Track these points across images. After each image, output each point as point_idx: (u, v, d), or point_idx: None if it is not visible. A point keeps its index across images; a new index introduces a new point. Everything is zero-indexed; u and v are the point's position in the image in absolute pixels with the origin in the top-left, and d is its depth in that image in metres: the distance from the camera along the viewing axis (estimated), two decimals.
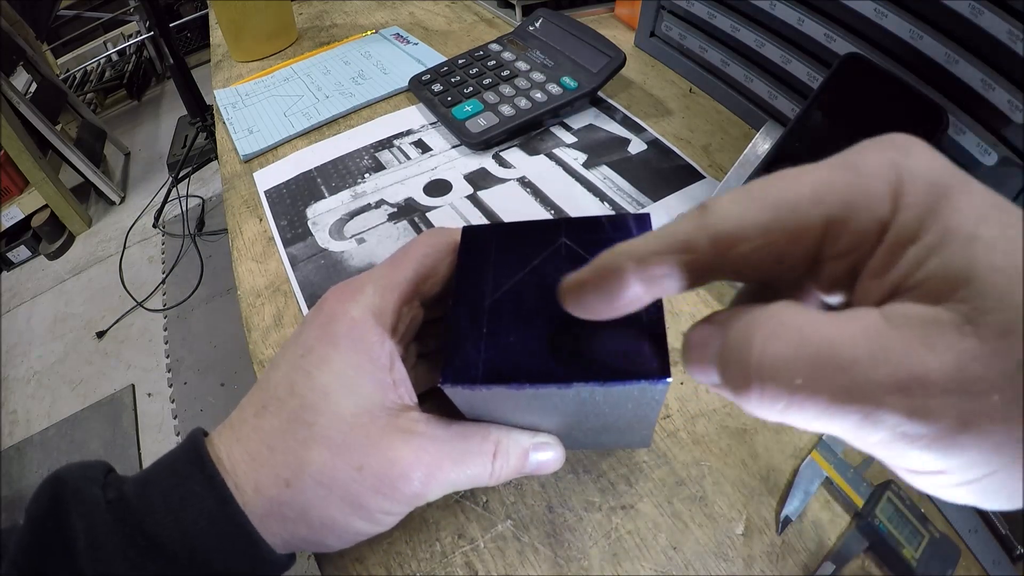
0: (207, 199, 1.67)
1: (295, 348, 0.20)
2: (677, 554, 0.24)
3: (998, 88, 0.27)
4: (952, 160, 0.12)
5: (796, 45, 0.38)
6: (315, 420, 0.18)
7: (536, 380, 0.17)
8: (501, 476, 0.21)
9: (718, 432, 0.28)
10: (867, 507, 0.25)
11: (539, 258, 0.19)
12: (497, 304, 0.18)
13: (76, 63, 2.25)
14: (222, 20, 0.60)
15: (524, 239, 0.20)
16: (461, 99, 0.46)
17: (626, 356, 0.17)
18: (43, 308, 1.53)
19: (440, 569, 0.24)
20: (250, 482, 0.18)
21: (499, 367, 0.17)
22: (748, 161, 0.35)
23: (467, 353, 0.18)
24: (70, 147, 1.62)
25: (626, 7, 0.58)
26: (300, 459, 0.18)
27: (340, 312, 0.20)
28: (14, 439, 1.22)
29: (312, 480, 0.18)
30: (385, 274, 0.21)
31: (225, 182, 0.46)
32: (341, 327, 0.20)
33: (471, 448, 0.20)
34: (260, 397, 0.20)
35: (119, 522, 0.18)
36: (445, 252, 0.22)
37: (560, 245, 0.19)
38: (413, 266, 0.21)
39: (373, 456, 0.18)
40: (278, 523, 0.19)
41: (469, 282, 0.19)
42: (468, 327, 0.18)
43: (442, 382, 0.17)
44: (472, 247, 0.20)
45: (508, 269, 0.19)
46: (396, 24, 0.64)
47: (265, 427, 0.19)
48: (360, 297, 0.20)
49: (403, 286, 0.21)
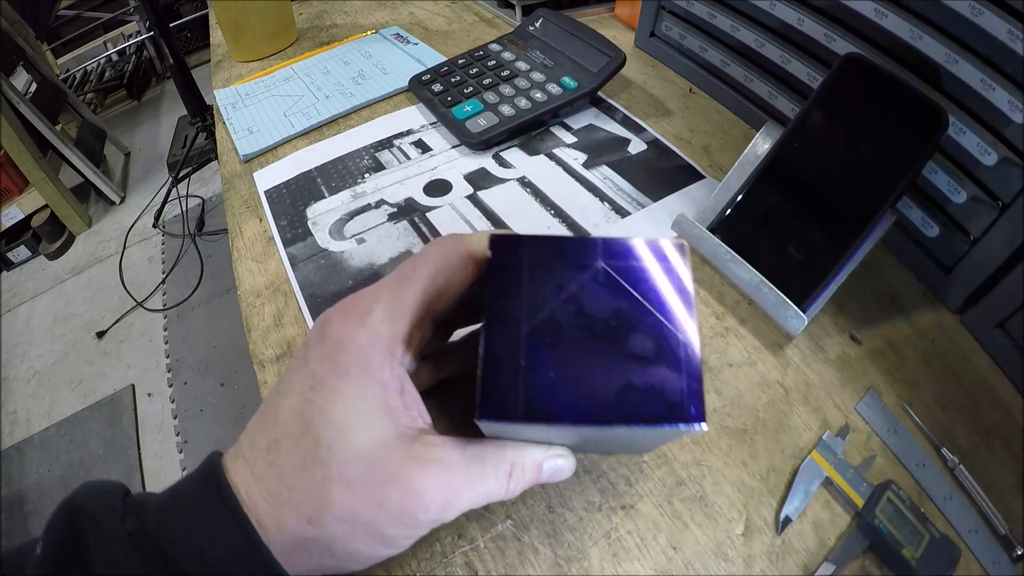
0: (207, 199, 1.67)
1: (303, 377, 0.20)
2: (677, 554, 0.24)
3: (998, 88, 0.27)
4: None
5: (796, 45, 0.38)
6: (331, 459, 0.18)
7: (578, 420, 0.17)
8: (516, 491, 0.21)
9: (718, 432, 0.28)
10: (867, 507, 0.25)
11: (576, 283, 0.18)
12: (534, 332, 0.18)
13: (76, 63, 2.25)
14: (222, 20, 0.60)
15: (557, 257, 0.19)
16: (461, 99, 0.46)
17: (665, 397, 0.17)
18: (43, 308, 1.52)
19: (440, 569, 0.24)
20: (272, 520, 0.18)
21: (540, 404, 0.17)
22: (748, 161, 0.35)
23: (504, 387, 0.17)
24: (70, 147, 1.62)
25: (626, 7, 0.58)
26: (321, 499, 0.18)
27: (347, 339, 0.19)
28: (14, 439, 1.22)
29: (335, 518, 0.18)
30: (393, 294, 0.20)
31: (225, 182, 0.46)
32: (350, 356, 0.19)
33: (487, 470, 0.20)
34: (271, 430, 0.19)
35: (141, 557, 0.17)
36: (457, 266, 0.21)
37: (598, 269, 0.19)
38: (423, 286, 0.20)
39: (393, 490, 0.18)
40: (303, 556, 0.19)
41: (502, 305, 0.18)
42: (504, 358, 0.17)
43: (479, 417, 0.17)
44: (502, 263, 0.19)
45: (543, 293, 0.18)
46: (396, 24, 0.64)
47: (281, 465, 0.19)
48: (368, 322, 0.19)
49: (413, 309, 0.20)
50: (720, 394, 0.29)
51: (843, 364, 0.30)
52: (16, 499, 1.11)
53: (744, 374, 0.30)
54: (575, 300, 0.18)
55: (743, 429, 0.28)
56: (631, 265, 0.19)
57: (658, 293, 0.18)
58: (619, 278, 0.19)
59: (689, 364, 0.17)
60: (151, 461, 1.15)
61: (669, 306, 0.18)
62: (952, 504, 0.26)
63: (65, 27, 2.22)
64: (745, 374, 0.30)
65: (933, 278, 0.33)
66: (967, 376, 0.30)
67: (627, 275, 0.19)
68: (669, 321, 0.18)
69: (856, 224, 0.30)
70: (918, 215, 0.33)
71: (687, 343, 0.18)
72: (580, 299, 0.18)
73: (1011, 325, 0.30)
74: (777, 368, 0.30)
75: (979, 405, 0.29)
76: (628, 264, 0.19)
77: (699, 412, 0.17)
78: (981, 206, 0.29)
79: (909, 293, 0.34)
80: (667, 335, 0.18)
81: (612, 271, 0.19)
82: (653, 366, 0.17)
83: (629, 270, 0.19)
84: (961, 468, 0.27)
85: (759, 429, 0.28)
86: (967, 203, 0.30)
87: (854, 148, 0.30)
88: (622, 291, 0.18)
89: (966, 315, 0.32)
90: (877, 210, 0.29)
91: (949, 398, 0.29)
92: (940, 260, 0.33)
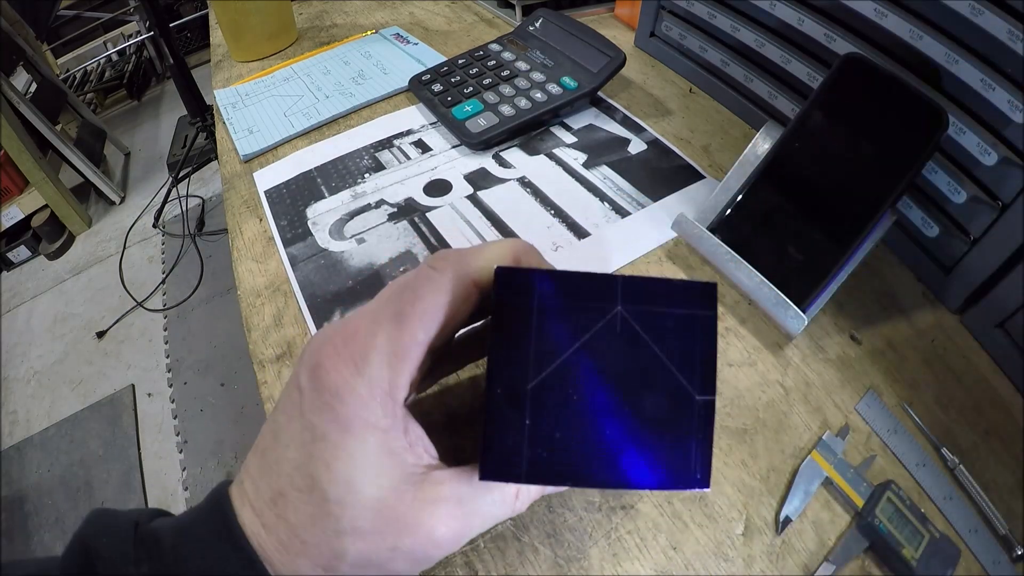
0: (207, 199, 1.67)
1: (301, 428, 0.19)
2: (677, 554, 0.24)
3: (998, 88, 0.27)
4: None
5: (796, 45, 0.38)
6: (342, 513, 0.18)
7: (581, 483, 0.17)
8: (522, 508, 0.21)
9: (718, 432, 0.28)
10: (867, 507, 0.25)
11: (590, 332, 0.17)
12: (541, 388, 0.17)
13: (76, 63, 2.25)
14: (222, 20, 0.60)
15: (572, 298, 0.17)
16: (461, 99, 0.46)
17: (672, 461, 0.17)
18: (43, 308, 1.52)
19: (440, 569, 0.24)
20: (288, 570, 0.18)
21: (543, 467, 0.17)
22: (748, 161, 0.35)
23: (508, 446, 0.17)
24: (70, 147, 1.62)
25: (626, 7, 0.58)
26: (334, 550, 0.18)
27: (345, 390, 0.18)
28: (14, 439, 1.22)
29: (350, 567, 0.18)
30: (392, 335, 0.19)
31: (225, 182, 0.46)
32: (350, 409, 0.18)
33: (495, 498, 0.20)
34: (276, 481, 0.19)
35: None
36: (462, 298, 0.19)
37: (616, 316, 0.17)
38: (425, 327, 0.19)
39: (405, 536, 0.18)
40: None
41: (507, 353, 0.17)
42: (509, 414, 0.17)
43: (482, 476, 0.17)
44: (509, 302, 0.17)
45: (553, 340, 0.17)
46: (396, 24, 0.64)
47: (290, 519, 0.18)
48: (366, 369, 0.18)
49: (414, 351, 0.19)
50: (720, 394, 0.29)
51: (843, 364, 0.30)
52: (16, 499, 1.11)
53: (744, 374, 0.30)
54: (587, 352, 0.17)
55: (743, 429, 0.28)
56: (654, 311, 0.17)
57: (679, 344, 0.17)
58: (638, 327, 0.17)
59: (702, 426, 0.17)
60: (151, 461, 1.15)
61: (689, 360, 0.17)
62: (952, 504, 0.26)
63: (65, 27, 2.22)
64: (745, 374, 0.30)
65: (933, 278, 0.33)
66: (967, 376, 0.30)
67: (647, 323, 0.17)
68: (686, 377, 0.17)
69: (856, 224, 0.30)
70: (918, 215, 0.33)
71: (703, 402, 0.17)
72: (593, 350, 0.17)
73: (1011, 325, 0.30)
74: (777, 368, 0.30)
75: (979, 405, 0.29)
76: (651, 309, 0.17)
77: (704, 478, 0.17)
78: (981, 206, 0.29)
79: (909, 293, 0.34)
80: (683, 393, 0.17)
81: (631, 318, 0.17)
82: (664, 429, 0.17)
83: (649, 317, 0.17)
84: (961, 468, 0.27)
85: (759, 429, 0.28)
86: (967, 203, 0.30)
87: (854, 148, 0.30)
88: (640, 343, 0.17)
89: (966, 315, 0.32)
90: (877, 210, 0.29)
91: (949, 398, 0.29)
92: (940, 260, 0.33)
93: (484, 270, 0.19)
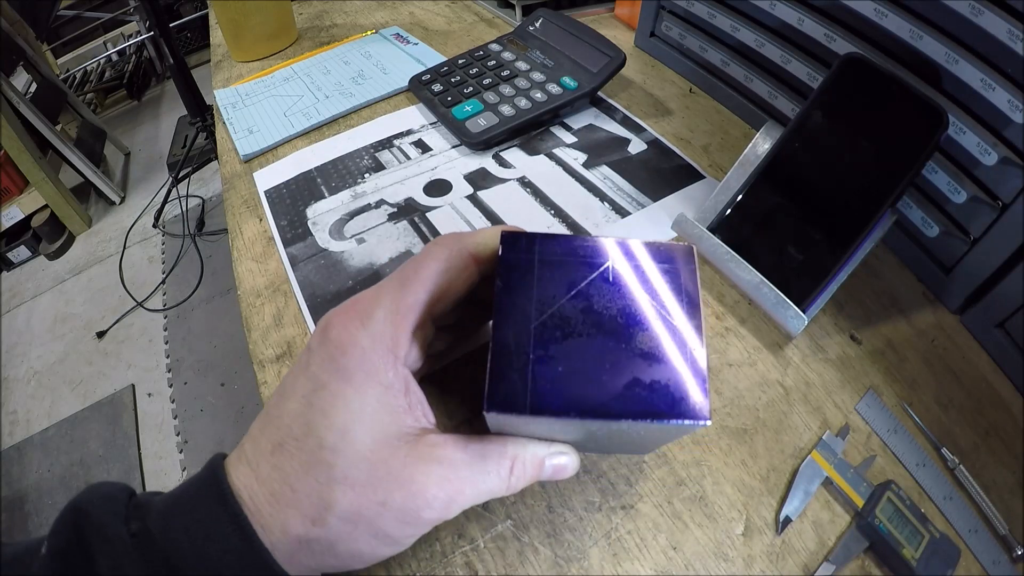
0: (207, 199, 1.67)
1: (305, 381, 0.20)
2: (677, 554, 0.24)
3: (998, 88, 0.27)
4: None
5: (796, 45, 0.38)
6: (335, 461, 0.18)
7: (586, 414, 0.17)
8: (517, 486, 0.21)
9: (718, 432, 0.28)
10: (867, 507, 0.25)
11: (585, 281, 0.19)
12: (542, 328, 0.18)
13: (76, 63, 2.25)
14: (222, 20, 0.60)
15: (567, 255, 0.19)
16: (461, 99, 0.46)
17: (671, 393, 0.17)
18: (43, 308, 1.52)
19: (440, 569, 0.24)
20: (276, 522, 0.18)
21: (547, 397, 0.17)
22: (748, 161, 0.35)
23: (512, 380, 0.17)
24: (70, 147, 1.62)
25: (626, 7, 0.58)
26: (324, 500, 0.18)
27: (349, 343, 0.19)
28: (14, 439, 1.22)
29: (338, 519, 0.18)
30: (395, 296, 0.20)
31: (225, 182, 0.46)
32: (352, 359, 0.19)
33: (489, 467, 0.20)
34: (275, 433, 0.20)
35: (144, 560, 0.18)
36: (459, 268, 0.21)
37: (607, 269, 0.19)
38: (426, 287, 0.20)
39: (396, 491, 0.18)
40: (306, 556, 0.19)
41: (511, 300, 0.19)
42: (513, 351, 0.18)
43: (487, 409, 0.17)
44: (512, 259, 0.19)
45: (552, 289, 0.19)
46: (396, 24, 0.64)
47: (285, 467, 0.19)
48: (370, 324, 0.20)
49: (415, 310, 0.20)
50: (720, 394, 0.29)
51: (843, 364, 0.30)
52: (16, 499, 1.11)
53: (744, 374, 0.30)
54: (584, 297, 0.19)
55: (743, 429, 0.28)
56: (640, 266, 0.19)
57: (666, 294, 0.19)
58: (628, 278, 0.19)
59: (695, 362, 0.18)
60: (151, 461, 1.15)
61: (676, 307, 0.19)
62: (952, 504, 0.26)
63: (65, 27, 2.22)
64: (745, 374, 0.30)
65: (933, 278, 0.33)
66: (967, 376, 0.30)
67: (636, 275, 0.19)
68: (676, 321, 0.18)
69: (856, 224, 0.30)
70: (918, 215, 0.33)
71: (693, 341, 0.18)
72: (589, 296, 0.19)
73: (1011, 325, 0.30)
74: (777, 368, 0.30)
75: (979, 405, 0.29)
76: (637, 265, 0.19)
77: (704, 409, 0.17)
78: (981, 206, 0.29)
79: (909, 293, 0.34)
80: (673, 334, 0.18)
81: (621, 271, 0.19)
82: (659, 363, 0.18)
83: (638, 271, 0.19)
84: (961, 468, 0.27)
85: (759, 429, 0.28)
86: (967, 203, 0.30)
87: (854, 148, 0.30)
88: (630, 290, 0.19)
89: (966, 315, 0.32)
90: (877, 210, 0.29)
91: (949, 398, 0.29)
92: (940, 260, 0.33)
93: (480, 245, 0.21)
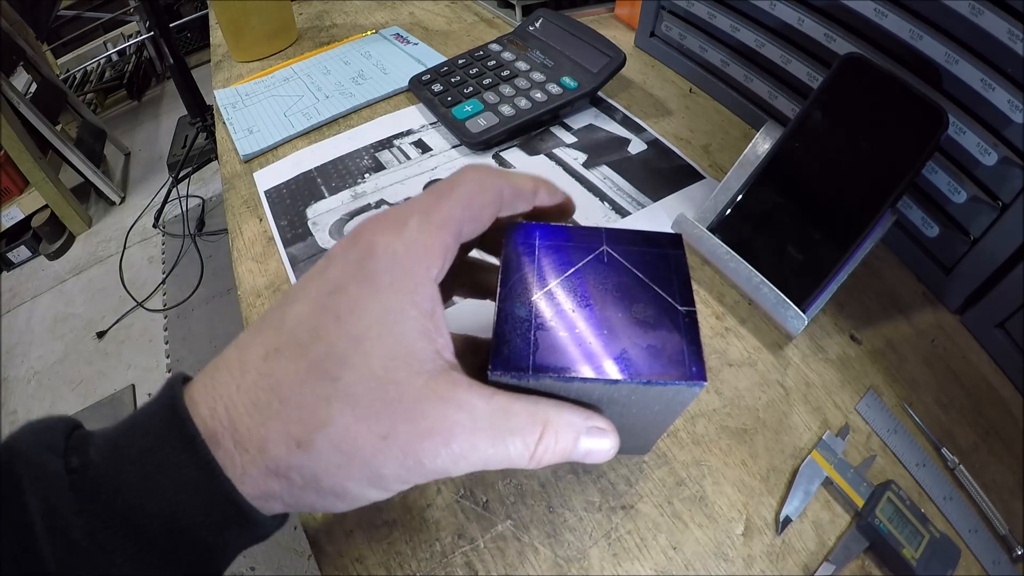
0: (207, 199, 1.67)
1: (321, 282, 0.17)
2: (677, 554, 0.24)
3: (998, 88, 0.27)
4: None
5: (796, 45, 0.38)
6: (341, 374, 0.16)
7: (586, 374, 0.18)
8: (543, 460, 0.18)
9: (718, 432, 0.28)
10: (867, 507, 0.25)
11: (582, 262, 0.20)
12: (545, 298, 0.19)
13: (76, 63, 2.25)
14: (222, 20, 0.60)
15: (566, 242, 0.21)
16: (461, 99, 0.46)
17: (668, 359, 0.18)
18: (43, 308, 1.52)
19: (440, 569, 0.24)
20: (254, 439, 0.16)
21: (550, 358, 0.18)
22: (748, 161, 0.35)
23: (517, 343, 0.18)
24: (70, 147, 1.62)
25: (626, 7, 0.58)
26: (317, 418, 0.15)
27: (380, 245, 0.17)
28: None
29: (329, 444, 0.15)
30: (431, 207, 0.18)
31: (225, 182, 0.46)
32: (380, 263, 0.17)
33: (514, 426, 0.17)
34: (271, 337, 0.17)
35: (84, 499, 0.15)
36: (491, 196, 0.20)
37: (603, 252, 0.21)
38: (462, 203, 0.19)
39: (402, 425, 0.16)
40: (282, 486, 0.16)
41: (516, 276, 0.20)
42: (518, 318, 0.19)
43: (492, 370, 0.18)
44: (517, 241, 0.21)
45: (553, 267, 0.20)
46: (396, 24, 0.64)
47: (277, 374, 0.16)
48: (404, 231, 0.17)
49: (450, 224, 0.18)
50: (720, 394, 0.29)
51: (843, 364, 0.30)
52: None
53: (744, 374, 0.30)
54: (582, 274, 0.20)
55: (743, 429, 0.28)
56: (632, 250, 0.21)
57: (657, 272, 0.20)
58: (621, 259, 0.21)
59: (688, 329, 0.19)
60: None
61: (668, 283, 0.20)
62: (952, 504, 0.26)
63: (65, 27, 2.22)
64: (745, 374, 0.30)
65: (933, 278, 0.33)
66: (967, 376, 0.30)
67: (629, 257, 0.21)
68: (668, 295, 0.20)
69: (856, 224, 0.30)
70: (918, 215, 0.33)
71: (686, 311, 0.19)
72: (587, 274, 0.20)
73: (1011, 325, 0.30)
74: (777, 368, 0.30)
75: (979, 405, 0.29)
76: (629, 249, 0.21)
77: (700, 371, 0.18)
78: (981, 206, 0.29)
79: (909, 293, 0.34)
80: (666, 305, 0.19)
81: (615, 254, 0.21)
82: (655, 330, 0.19)
83: (631, 254, 0.21)
84: (961, 468, 0.27)
85: (759, 429, 0.28)
86: (967, 203, 0.30)
87: (854, 148, 0.30)
88: (624, 269, 0.20)
89: (966, 315, 0.32)
90: (877, 210, 0.29)
91: (949, 398, 0.29)
92: (940, 260, 0.33)
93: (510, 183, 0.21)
